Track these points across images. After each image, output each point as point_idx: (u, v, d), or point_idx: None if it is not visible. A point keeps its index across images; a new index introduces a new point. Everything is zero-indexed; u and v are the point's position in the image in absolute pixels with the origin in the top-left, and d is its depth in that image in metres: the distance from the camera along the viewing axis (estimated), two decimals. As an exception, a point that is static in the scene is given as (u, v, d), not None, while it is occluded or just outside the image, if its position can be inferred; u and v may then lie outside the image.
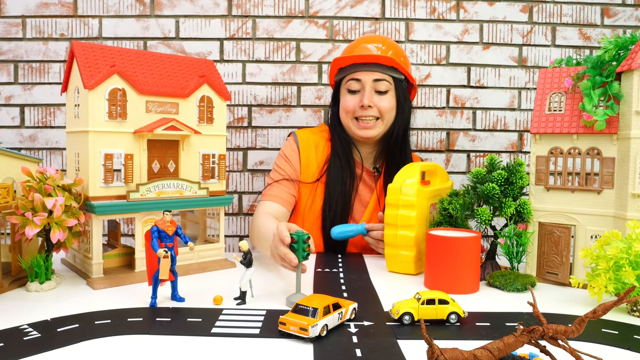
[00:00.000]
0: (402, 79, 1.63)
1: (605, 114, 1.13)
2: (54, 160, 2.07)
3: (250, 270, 1.02)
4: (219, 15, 2.05)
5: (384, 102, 1.60)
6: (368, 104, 1.58)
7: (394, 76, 1.61)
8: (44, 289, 1.09)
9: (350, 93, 1.63)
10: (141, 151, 1.21)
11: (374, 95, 1.60)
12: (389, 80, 1.60)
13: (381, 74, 1.59)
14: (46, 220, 1.07)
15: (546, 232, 1.22)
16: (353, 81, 1.61)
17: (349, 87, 1.63)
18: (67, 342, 0.80)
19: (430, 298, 0.92)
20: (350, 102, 1.62)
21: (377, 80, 1.59)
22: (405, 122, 1.66)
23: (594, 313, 0.68)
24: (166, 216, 1.00)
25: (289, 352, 0.78)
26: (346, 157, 1.67)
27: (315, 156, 1.69)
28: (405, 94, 1.65)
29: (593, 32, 2.12)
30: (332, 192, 1.62)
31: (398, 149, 1.67)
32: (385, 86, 1.59)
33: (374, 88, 1.60)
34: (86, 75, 1.14)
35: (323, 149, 1.71)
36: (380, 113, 1.60)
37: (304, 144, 1.71)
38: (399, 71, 1.61)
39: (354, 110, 1.61)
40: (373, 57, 1.58)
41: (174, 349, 0.79)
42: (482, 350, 0.66)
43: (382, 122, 1.62)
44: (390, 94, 1.61)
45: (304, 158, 1.69)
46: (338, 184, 1.63)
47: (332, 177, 1.64)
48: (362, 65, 1.60)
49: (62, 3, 2.02)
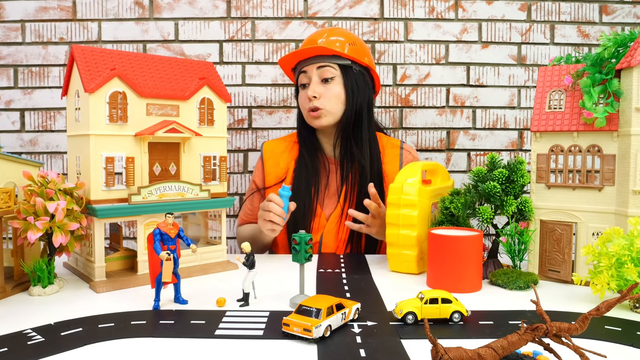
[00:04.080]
0: (349, 64, 1.62)
1: (605, 111, 1.13)
2: (55, 164, 2.07)
3: (253, 272, 1.03)
4: (218, 17, 2.06)
5: (328, 90, 1.62)
6: (312, 95, 1.60)
7: (339, 63, 1.62)
8: (46, 293, 1.09)
9: (303, 88, 1.67)
10: (142, 154, 1.21)
11: (319, 86, 1.62)
12: (334, 67, 1.61)
13: (324, 61, 1.61)
14: (48, 224, 1.07)
15: (548, 230, 1.22)
16: (302, 74, 1.65)
17: (300, 82, 1.67)
18: (71, 346, 0.80)
19: (434, 297, 0.92)
20: (303, 96, 1.66)
21: (321, 67, 1.61)
22: (357, 108, 1.64)
23: (597, 310, 0.68)
24: (168, 219, 1.00)
25: (293, 353, 0.79)
26: (311, 155, 1.70)
27: (284, 161, 1.73)
28: (357, 81, 1.64)
29: (592, 29, 2.12)
30: (297, 193, 1.64)
31: (352, 135, 1.66)
32: (331, 73, 1.61)
33: (320, 76, 1.62)
34: (86, 79, 1.14)
35: (290, 152, 1.74)
36: (325, 102, 1.61)
37: (268, 155, 1.76)
38: (343, 58, 1.62)
39: (306, 103, 1.65)
40: (311, 50, 1.60)
41: (178, 352, 0.79)
42: (486, 349, 0.66)
43: (328, 111, 1.62)
44: (337, 80, 1.62)
45: (268, 167, 1.74)
46: (303, 184, 1.66)
47: (297, 178, 1.68)
48: (307, 60, 1.63)
49: (61, 7, 2.02)
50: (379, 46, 2.10)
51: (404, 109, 2.12)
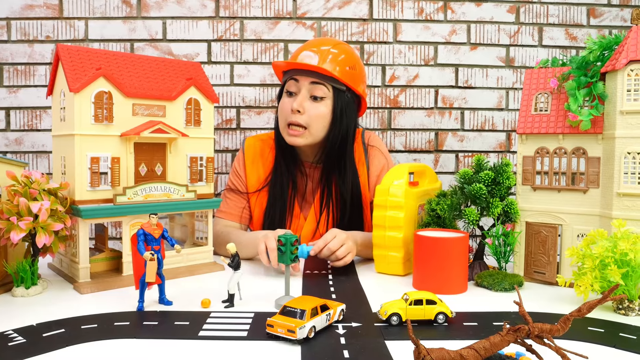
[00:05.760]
0: (344, 89, 1.56)
1: (590, 114, 1.14)
2: (41, 164, 2.05)
3: (238, 273, 1.02)
4: (206, 16, 2.05)
5: (314, 109, 1.54)
6: (297, 108, 1.52)
7: (334, 85, 1.55)
8: (30, 294, 1.08)
9: (288, 95, 1.58)
10: (128, 154, 1.21)
11: (307, 101, 1.54)
12: (328, 87, 1.54)
13: (319, 79, 1.53)
14: (32, 224, 1.06)
15: (533, 232, 1.23)
16: (292, 81, 1.57)
17: (288, 88, 1.58)
18: (53, 347, 0.79)
19: (418, 298, 0.92)
20: (286, 104, 1.57)
21: (314, 83, 1.53)
22: (342, 134, 1.58)
23: (578, 311, 0.68)
24: (152, 219, 0.99)
25: (276, 355, 0.78)
26: (287, 163, 1.64)
27: (262, 164, 1.69)
28: (347, 106, 1.58)
29: (579, 32, 2.14)
30: (273, 201, 1.62)
31: (336, 165, 1.60)
32: (323, 92, 1.53)
33: (311, 92, 1.54)
34: (72, 79, 1.13)
35: (268, 156, 1.69)
36: (309, 121, 1.53)
37: (249, 154, 1.71)
38: (340, 82, 1.55)
39: (287, 114, 1.56)
40: (308, 66, 1.53)
41: (160, 353, 0.79)
42: (468, 349, 0.66)
43: (309, 132, 1.55)
44: (326, 102, 1.55)
45: (249, 167, 1.69)
46: (279, 192, 1.63)
47: (272, 186, 1.64)
48: (303, 70, 1.55)
49: (48, 5, 2.00)
50: (368, 47, 2.10)
51: (392, 110, 2.12)
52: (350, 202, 1.60)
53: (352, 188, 1.60)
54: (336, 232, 1.35)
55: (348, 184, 1.60)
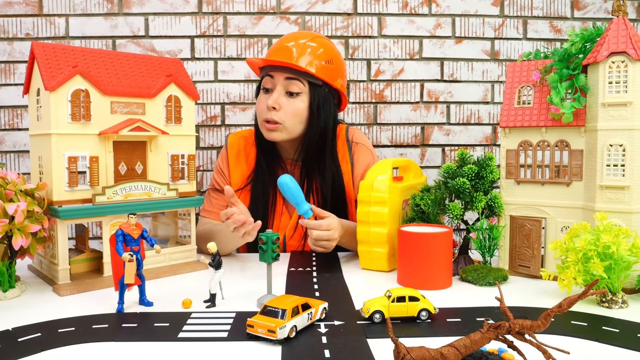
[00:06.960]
0: (320, 84, 1.54)
1: (572, 106, 1.13)
2: (22, 164, 2.02)
3: (220, 272, 1.01)
4: (189, 12, 2.02)
5: (290, 105, 1.52)
6: (272, 105, 1.50)
7: (310, 80, 1.53)
8: (7, 297, 1.06)
9: (265, 92, 1.57)
10: (107, 153, 1.19)
11: (283, 97, 1.52)
12: (303, 83, 1.52)
13: (294, 74, 1.52)
14: (7, 226, 1.04)
15: (517, 226, 1.23)
16: (268, 78, 1.55)
17: (264, 84, 1.56)
18: (28, 352, 0.77)
19: (401, 295, 0.91)
20: (262, 102, 1.56)
21: (289, 79, 1.52)
22: (320, 129, 1.56)
23: (559, 307, 0.68)
24: (131, 219, 0.98)
25: (256, 355, 0.77)
26: (267, 161, 1.63)
27: (245, 161, 1.67)
28: (324, 101, 1.56)
29: (563, 24, 2.14)
30: (255, 199, 1.61)
31: (316, 163, 1.59)
32: (298, 87, 1.52)
33: (286, 88, 1.52)
34: (47, 77, 1.10)
35: (250, 153, 1.67)
36: (284, 117, 1.52)
37: (232, 151, 1.69)
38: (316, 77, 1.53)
39: (263, 111, 1.54)
40: (281, 63, 1.51)
41: (137, 355, 0.77)
42: (449, 347, 0.65)
43: (285, 127, 1.53)
44: (302, 98, 1.53)
45: (232, 165, 1.68)
46: (260, 190, 1.62)
47: (255, 185, 1.63)
48: (277, 66, 1.53)
49: (27, 2, 1.97)
50: (353, 41, 2.09)
51: (378, 104, 2.12)
52: (331, 199, 1.59)
53: (332, 184, 1.59)
54: (334, 225, 1.36)
55: (328, 180, 1.58)
